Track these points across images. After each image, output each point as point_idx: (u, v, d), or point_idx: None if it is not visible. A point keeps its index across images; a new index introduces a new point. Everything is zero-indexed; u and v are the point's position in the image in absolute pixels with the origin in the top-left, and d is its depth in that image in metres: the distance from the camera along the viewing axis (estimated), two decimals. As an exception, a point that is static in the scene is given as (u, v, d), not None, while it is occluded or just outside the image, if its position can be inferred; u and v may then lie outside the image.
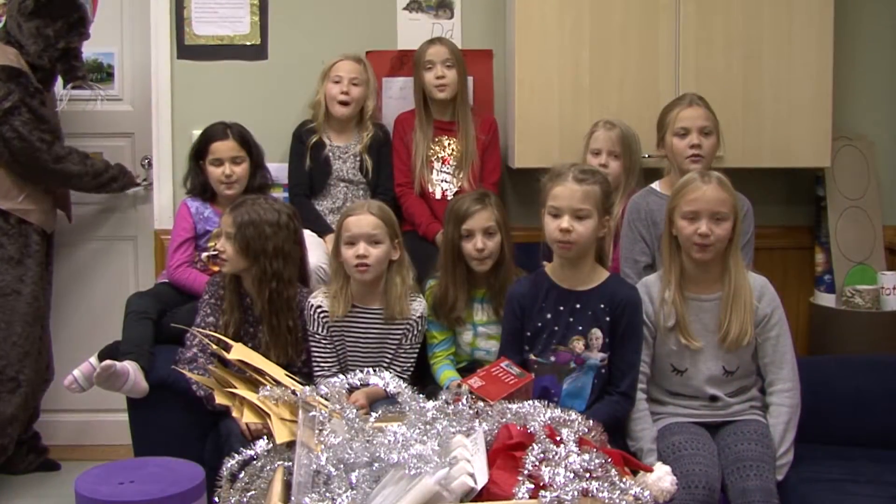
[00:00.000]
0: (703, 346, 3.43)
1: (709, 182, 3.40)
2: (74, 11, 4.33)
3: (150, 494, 2.95)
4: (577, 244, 3.38)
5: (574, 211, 3.36)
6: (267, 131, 4.58)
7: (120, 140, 5.01)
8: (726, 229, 3.38)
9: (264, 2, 4.81)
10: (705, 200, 3.38)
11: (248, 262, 3.76)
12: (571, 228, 3.36)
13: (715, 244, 3.38)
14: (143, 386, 3.77)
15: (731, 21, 4.42)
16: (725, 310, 3.42)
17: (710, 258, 3.41)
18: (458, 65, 4.51)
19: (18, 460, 4.61)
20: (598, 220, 3.39)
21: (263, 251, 3.74)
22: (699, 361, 3.45)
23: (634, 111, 4.34)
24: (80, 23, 4.38)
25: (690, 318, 3.44)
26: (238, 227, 3.75)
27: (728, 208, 3.38)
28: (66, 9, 4.32)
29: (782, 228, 4.84)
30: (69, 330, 4.91)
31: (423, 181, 4.54)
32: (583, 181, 3.38)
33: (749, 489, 3.17)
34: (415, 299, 3.84)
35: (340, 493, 2.42)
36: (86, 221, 5.01)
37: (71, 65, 4.45)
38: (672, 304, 3.45)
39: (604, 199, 3.42)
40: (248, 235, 3.74)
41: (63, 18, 4.31)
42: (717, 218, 3.36)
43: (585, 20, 4.42)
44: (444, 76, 4.47)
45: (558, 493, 2.38)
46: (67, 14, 4.32)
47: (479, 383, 3.14)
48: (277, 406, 2.99)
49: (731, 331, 3.39)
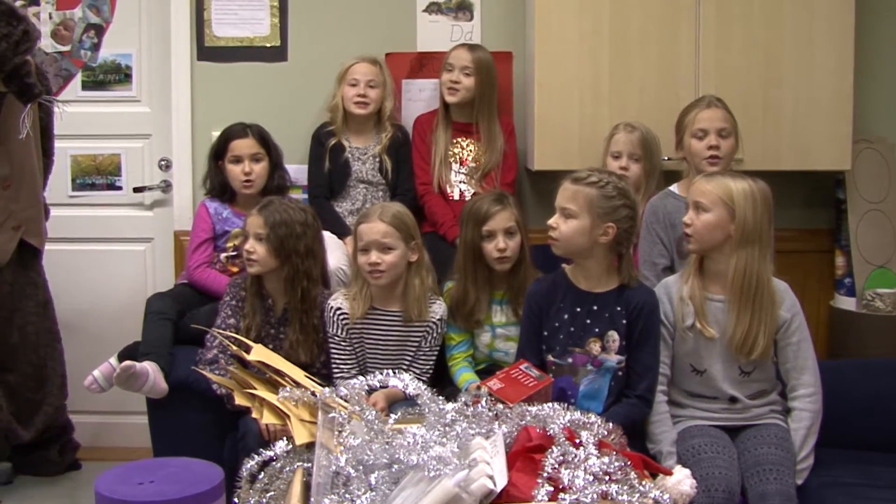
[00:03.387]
0: (718, 345, 3.42)
1: (705, 176, 3.51)
2: (17, 25, 3.77)
3: (170, 494, 2.97)
4: (560, 242, 3.40)
5: (561, 209, 3.39)
6: (286, 133, 4.59)
7: (137, 141, 5.02)
8: (705, 221, 3.38)
9: (284, 4, 4.82)
10: (691, 192, 3.47)
11: (279, 261, 3.78)
12: (556, 225, 3.39)
13: (694, 235, 3.41)
14: (163, 386, 3.78)
15: (751, 23, 4.40)
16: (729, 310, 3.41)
17: (696, 249, 3.44)
18: (479, 73, 4.50)
19: (48, 463, 4.58)
20: (589, 223, 3.36)
21: (295, 250, 3.77)
22: (716, 361, 3.44)
23: (654, 113, 4.33)
24: (26, 37, 3.80)
25: (708, 314, 3.43)
26: (271, 227, 3.76)
27: (708, 200, 3.38)
28: (7, 25, 3.75)
29: (802, 231, 4.82)
30: (89, 330, 4.92)
31: (442, 182, 4.55)
32: (577, 181, 3.39)
33: (768, 493, 3.16)
34: (434, 301, 3.84)
35: (360, 494, 2.43)
36: (105, 223, 5.04)
37: (24, 83, 3.87)
38: (690, 299, 3.45)
39: (600, 203, 3.36)
40: (280, 235, 3.76)
41: (4, 38, 3.72)
42: (698, 207, 3.40)
43: (605, 22, 4.41)
44: (459, 82, 4.48)
45: (577, 495, 2.39)
46: (8, 33, 3.75)
47: (499, 385, 3.14)
48: (297, 407, 3.00)
49: (736, 333, 3.37)
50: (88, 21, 4.93)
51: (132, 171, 5.01)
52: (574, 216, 3.36)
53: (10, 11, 3.65)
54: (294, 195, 4.46)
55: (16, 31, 3.67)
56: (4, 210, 3.88)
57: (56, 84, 4.90)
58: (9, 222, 3.92)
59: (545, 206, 4.49)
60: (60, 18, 4.92)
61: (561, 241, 3.40)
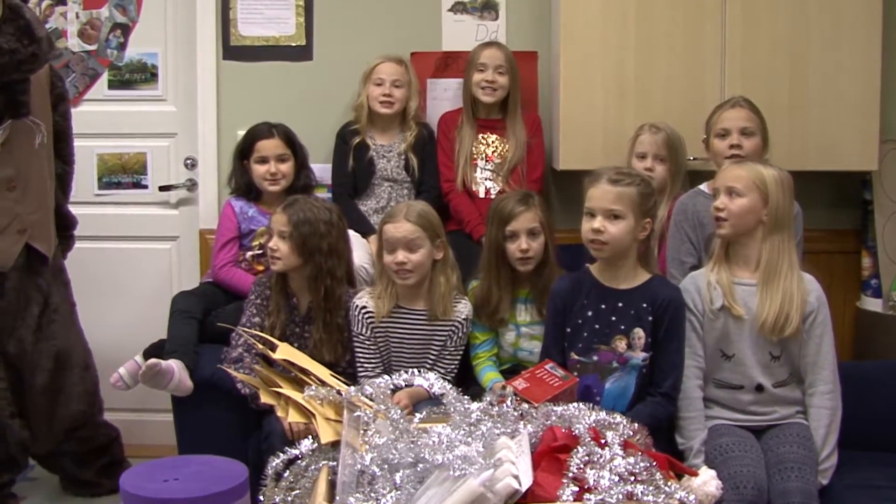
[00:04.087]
0: (748, 328, 3.42)
1: (736, 161, 3.59)
2: (28, 45, 3.57)
3: (195, 492, 2.98)
4: (609, 245, 3.40)
5: (607, 211, 3.38)
6: (311, 132, 4.61)
7: (163, 140, 5.04)
8: (739, 205, 3.41)
9: (310, 3, 4.83)
10: (722, 178, 3.51)
11: (301, 259, 3.79)
12: (603, 229, 3.37)
13: (729, 219, 3.43)
14: (188, 384, 3.80)
15: (777, 22, 4.38)
16: (760, 293, 3.42)
17: (728, 234, 3.46)
18: (510, 71, 4.52)
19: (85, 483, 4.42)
20: (634, 222, 3.39)
21: (318, 249, 3.78)
22: (745, 345, 3.44)
23: (679, 113, 4.31)
24: (32, 59, 3.62)
25: (736, 298, 3.44)
26: (294, 225, 3.78)
27: (743, 185, 3.42)
28: (17, 41, 3.54)
29: (829, 232, 4.79)
30: (114, 328, 4.94)
31: (467, 180, 4.54)
32: (617, 182, 3.39)
33: (790, 490, 3.16)
34: (460, 301, 3.84)
35: (385, 493, 2.42)
36: (131, 221, 5.06)
37: (14, 99, 3.65)
38: (717, 284, 3.46)
39: (640, 202, 3.41)
40: (304, 233, 3.77)
41: (9, 54, 3.51)
42: (731, 193, 3.43)
43: (630, 22, 4.40)
44: (495, 81, 4.49)
45: (603, 496, 2.38)
46: (15, 49, 3.54)
47: (524, 385, 3.13)
48: (322, 406, 3.00)
49: (766, 315, 3.38)
50: (115, 20, 4.95)
51: (158, 170, 5.04)
52: (622, 217, 3.37)
53: (27, 29, 3.54)
54: (319, 194, 4.45)
55: (24, 50, 3.53)
56: (9, 213, 3.80)
57: (83, 83, 4.94)
58: (14, 225, 3.83)
59: (569, 206, 4.51)
60: (87, 18, 4.94)
61: (611, 244, 3.39)
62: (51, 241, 3.94)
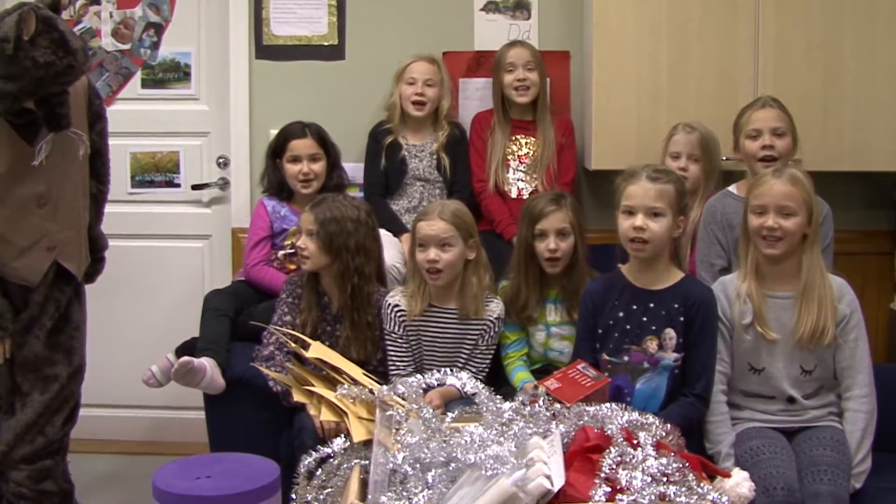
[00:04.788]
0: (780, 343, 3.40)
1: (779, 177, 3.40)
2: (63, 58, 3.38)
3: (226, 490, 3.00)
4: (651, 243, 3.39)
5: (648, 209, 3.37)
6: (343, 131, 4.62)
7: (195, 139, 5.07)
8: (795, 224, 3.35)
9: (342, 2, 4.84)
10: (772, 195, 3.38)
11: (329, 258, 3.79)
12: (645, 226, 3.36)
13: (784, 238, 3.36)
14: (221, 382, 3.81)
15: (811, 22, 4.35)
16: (798, 306, 3.39)
17: (779, 253, 3.38)
18: (539, 67, 4.53)
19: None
20: (672, 220, 3.39)
21: (346, 247, 3.79)
22: (776, 360, 3.42)
23: (712, 113, 4.29)
24: (69, 71, 3.42)
25: (767, 313, 3.41)
26: (321, 223, 3.79)
27: (797, 203, 3.35)
28: (52, 54, 3.35)
29: (861, 233, 4.76)
30: (146, 327, 4.97)
31: (500, 181, 4.55)
32: (657, 180, 3.39)
33: (821, 493, 3.13)
34: (492, 300, 3.84)
35: (417, 492, 2.43)
36: (163, 219, 5.09)
37: (53, 112, 3.48)
38: (748, 298, 3.43)
39: (678, 199, 3.41)
40: (330, 232, 3.78)
41: (45, 67, 3.33)
42: (785, 213, 3.35)
43: (663, 21, 4.39)
44: (526, 78, 4.49)
45: (635, 496, 2.37)
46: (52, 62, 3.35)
47: (556, 385, 3.13)
48: (355, 404, 3.02)
49: (804, 327, 3.35)
50: (148, 20, 4.98)
51: (190, 169, 5.07)
52: (662, 214, 3.37)
53: (62, 41, 3.40)
54: (351, 193, 4.46)
55: (60, 62, 3.39)
56: (38, 229, 3.64)
57: (116, 82, 4.97)
58: (42, 242, 3.66)
59: (601, 206, 4.50)
60: (121, 17, 4.97)
61: (652, 242, 3.39)
62: (81, 262, 3.80)
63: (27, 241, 3.57)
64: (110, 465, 4.81)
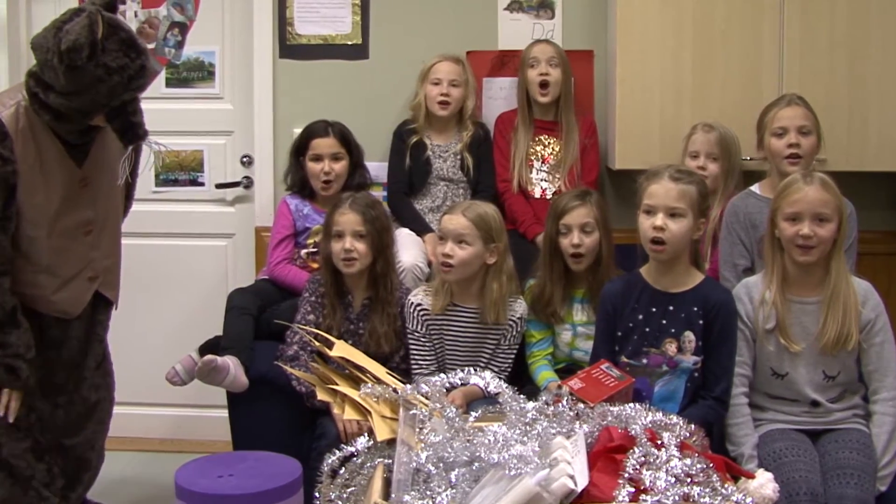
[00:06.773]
0: (804, 350, 3.38)
1: (811, 183, 3.35)
2: (136, 59, 3.22)
3: (249, 488, 3.01)
4: (669, 245, 3.37)
5: (668, 209, 3.36)
6: (367, 130, 4.63)
7: (219, 138, 5.09)
8: (830, 230, 3.33)
9: (366, 2, 4.85)
10: (807, 201, 3.33)
11: (373, 256, 3.85)
12: (665, 226, 3.35)
13: (818, 246, 3.33)
14: (244, 381, 3.81)
15: (836, 21, 4.34)
16: (824, 312, 3.36)
17: (814, 260, 3.35)
18: (562, 65, 4.52)
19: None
20: (693, 221, 3.38)
21: (387, 244, 3.87)
22: (799, 365, 3.40)
23: (736, 112, 4.28)
24: (141, 72, 3.24)
25: (791, 320, 3.39)
26: (370, 222, 3.83)
27: (831, 209, 3.32)
28: (124, 56, 3.19)
29: (887, 233, 4.73)
30: (170, 325, 4.99)
31: (523, 181, 4.54)
32: (678, 180, 3.37)
33: (847, 496, 3.12)
34: (515, 300, 3.84)
35: (440, 491, 2.43)
36: (187, 218, 5.11)
37: (128, 122, 3.30)
38: (773, 305, 3.41)
39: (700, 201, 3.40)
40: (378, 229, 3.85)
41: (118, 71, 3.17)
42: (820, 219, 3.32)
43: (687, 20, 4.38)
44: (549, 73, 4.49)
45: (659, 497, 2.37)
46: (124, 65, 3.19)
47: (580, 385, 3.13)
48: (378, 403, 3.02)
49: (829, 333, 3.33)
50: (173, 19, 4.99)
51: (214, 168, 5.09)
52: (683, 215, 3.36)
53: (131, 42, 3.22)
54: (374, 193, 4.47)
55: (132, 64, 3.19)
56: (84, 258, 3.53)
57: (140, 81, 4.98)
58: (85, 272, 3.55)
59: (625, 206, 4.49)
60: (146, 16, 5.00)
61: (671, 243, 3.37)
62: (118, 288, 3.75)
63: (72, 271, 3.49)
64: (133, 462, 4.83)
